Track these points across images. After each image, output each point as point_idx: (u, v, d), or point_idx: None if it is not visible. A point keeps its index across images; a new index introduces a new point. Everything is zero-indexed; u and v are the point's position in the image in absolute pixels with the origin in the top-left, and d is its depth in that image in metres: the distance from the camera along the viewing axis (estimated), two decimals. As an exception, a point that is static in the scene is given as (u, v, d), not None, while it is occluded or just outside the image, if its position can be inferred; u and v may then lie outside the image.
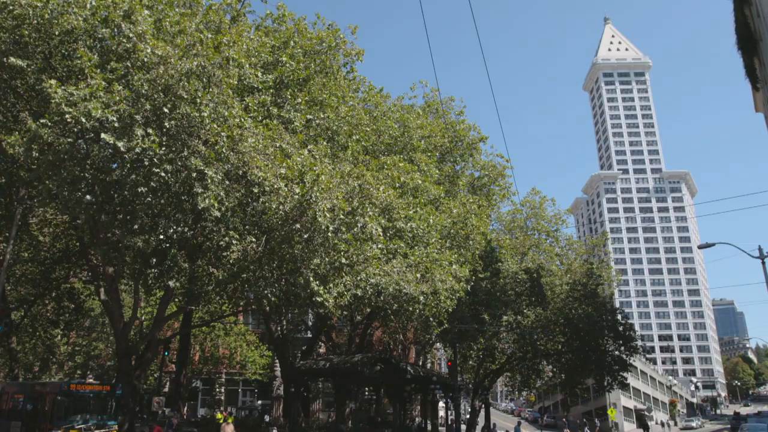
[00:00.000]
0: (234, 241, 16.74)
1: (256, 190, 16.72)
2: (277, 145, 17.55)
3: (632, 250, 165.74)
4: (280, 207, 16.52)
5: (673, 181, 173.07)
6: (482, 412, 45.45)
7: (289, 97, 20.59)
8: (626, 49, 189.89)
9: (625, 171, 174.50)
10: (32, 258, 29.23)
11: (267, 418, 37.10)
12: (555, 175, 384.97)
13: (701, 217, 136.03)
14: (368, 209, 18.46)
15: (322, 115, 21.21)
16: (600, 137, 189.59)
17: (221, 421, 32.66)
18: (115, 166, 17.99)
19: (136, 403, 27.02)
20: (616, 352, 39.65)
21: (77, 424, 21.39)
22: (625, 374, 41.49)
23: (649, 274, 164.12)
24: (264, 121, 18.47)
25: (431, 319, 23.19)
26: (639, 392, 79.54)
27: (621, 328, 39.44)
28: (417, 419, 42.89)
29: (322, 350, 40.35)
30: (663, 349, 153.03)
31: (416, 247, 21.36)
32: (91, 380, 37.36)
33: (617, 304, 67.65)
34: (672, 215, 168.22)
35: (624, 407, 70.38)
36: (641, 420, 71.42)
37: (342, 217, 17.33)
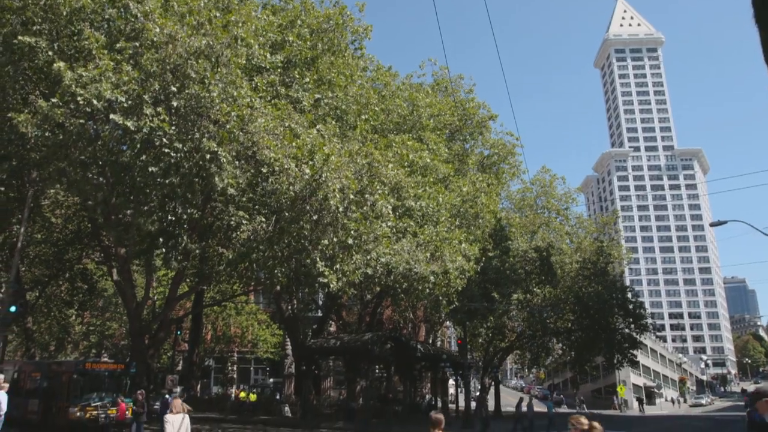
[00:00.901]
0: (244, 221, 16.82)
1: (265, 170, 16.73)
2: (286, 125, 17.50)
3: (643, 228, 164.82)
4: (290, 187, 16.53)
5: (685, 158, 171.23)
6: (492, 390, 45.80)
7: (297, 76, 20.48)
8: (638, 25, 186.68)
9: (637, 149, 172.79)
10: (45, 239, 29.55)
11: (278, 395, 37.59)
12: (565, 153, 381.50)
13: (713, 194, 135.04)
14: (377, 187, 18.43)
15: (330, 95, 21.10)
16: (611, 114, 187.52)
17: (243, 398, 33.14)
18: (125, 147, 18.08)
19: (150, 381, 27.44)
20: (626, 330, 39.71)
21: (93, 401, 21.75)
22: (634, 352, 41.58)
23: (660, 252, 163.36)
24: (273, 101, 18.41)
25: (441, 298, 23.27)
26: (649, 370, 79.76)
27: (631, 306, 39.46)
28: (427, 396, 43.25)
29: (332, 329, 40.68)
30: (673, 327, 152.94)
31: (426, 226, 21.35)
32: (105, 359, 37.97)
33: (627, 282, 67.45)
34: (684, 193, 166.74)
35: (633, 384, 70.67)
36: (650, 396, 71.78)
37: (352, 196, 17.32)
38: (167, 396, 19.00)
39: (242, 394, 34.41)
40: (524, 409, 28.38)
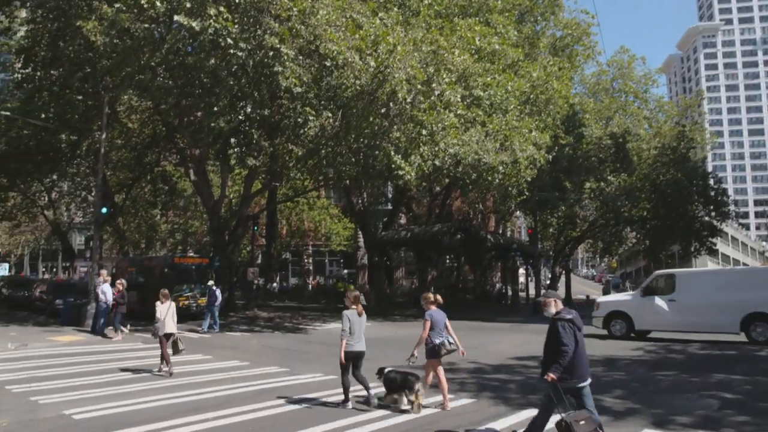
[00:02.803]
0: (310, 118, 16.81)
1: (329, 64, 16.43)
2: (348, 15, 16.90)
3: (731, 110, 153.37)
4: (356, 81, 16.24)
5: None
6: (563, 278, 46.10)
7: (356, -40, 19.43)
8: None
9: (729, 21, 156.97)
10: (125, 144, 30.90)
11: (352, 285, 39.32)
12: (646, 31, 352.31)
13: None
14: (444, 76, 17.81)
15: (391, -21, 20.03)
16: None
17: (341, 289, 35.04)
18: (190, 49, 18.17)
19: (233, 273, 29.27)
20: (706, 218, 38.34)
21: (184, 292, 23.53)
22: (713, 240, 40.36)
23: (749, 136, 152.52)
24: (332, -10, 17.69)
25: (510, 188, 22.95)
26: (728, 258, 77.55)
27: (712, 193, 37.79)
28: (497, 285, 44.09)
29: (402, 221, 41.38)
30: (758, 215, 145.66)
31: (494, 115, 20.66)
32: (191, 254, 40.59)
33: (710, 168, 64.21)
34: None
35: (711, 272, 69.06)
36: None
37: (419, 86, 16.87)
38: (214, 287, 20.18)
39: (339, 284, 36.38)
40: None
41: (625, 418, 7.91)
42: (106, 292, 17.83)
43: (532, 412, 8.07)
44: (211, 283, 20.49)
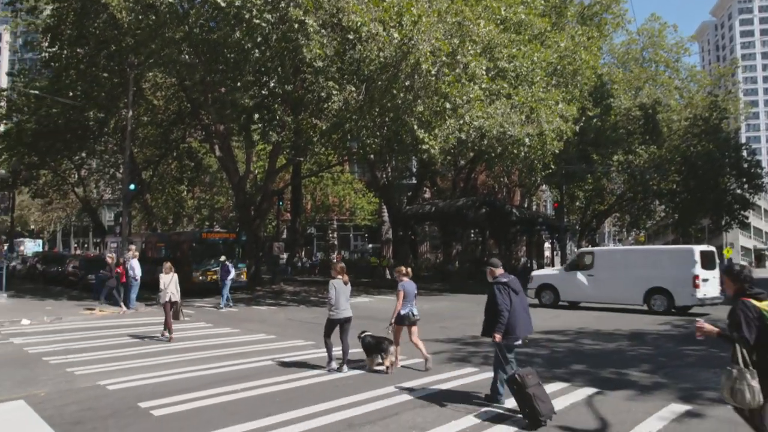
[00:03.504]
0: (334, 92, 16.72)
1: (352, 37, 16.26)
2: (370, -14, 16.65)
3: (767, 79, 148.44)
4: (380, 54, 16.06)
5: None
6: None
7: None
8: None
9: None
10: (151, 121, 31.20)
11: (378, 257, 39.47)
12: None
13: None
14: (469, 48, 17.51)
15: (414, -52, 19.61)
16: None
17: (374, 263, 35.40)
18: (213, 24, 18.14)
19: (259, 248, 29.61)
20: (738, 191, 37.50)
21: (212, 267, 23.88)
22: (745, 213, 39.55)
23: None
24: (354, -39, 17.41)
25: (536, 162, 22.66)
26: (760, 231, 75.87)
27: (745, 165, 36.88)
28: (522, 259, 43.85)
29: (427, 195, 41.27)
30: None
31: (520, 87, 20.31)
32: (218, 229, 41.14)
33: (743, 140, 62.38)
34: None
35: (742, 247, 67.80)
36: (760, 259, 68.87)
37: (444, 58, 16.63)
38: (227, 262, 20.08)
39: (373, 259, 36.70)
40: None
41: (652, 392, 7.85)
42: (135, 267, 18.18)
43: (559, 386, 8.15)
44: (223, 258, 20.55)
